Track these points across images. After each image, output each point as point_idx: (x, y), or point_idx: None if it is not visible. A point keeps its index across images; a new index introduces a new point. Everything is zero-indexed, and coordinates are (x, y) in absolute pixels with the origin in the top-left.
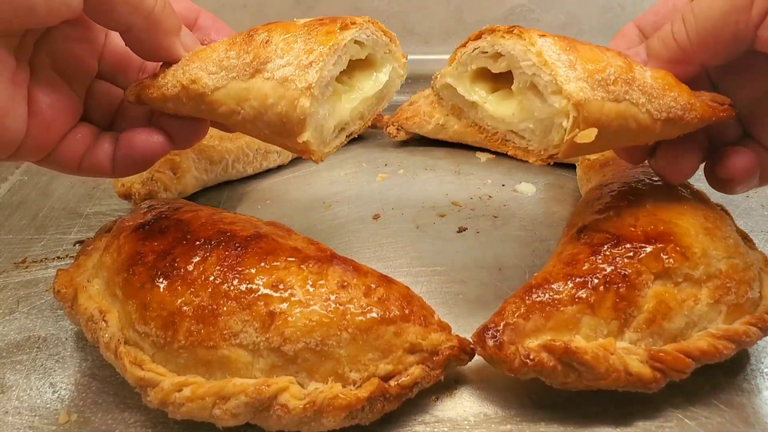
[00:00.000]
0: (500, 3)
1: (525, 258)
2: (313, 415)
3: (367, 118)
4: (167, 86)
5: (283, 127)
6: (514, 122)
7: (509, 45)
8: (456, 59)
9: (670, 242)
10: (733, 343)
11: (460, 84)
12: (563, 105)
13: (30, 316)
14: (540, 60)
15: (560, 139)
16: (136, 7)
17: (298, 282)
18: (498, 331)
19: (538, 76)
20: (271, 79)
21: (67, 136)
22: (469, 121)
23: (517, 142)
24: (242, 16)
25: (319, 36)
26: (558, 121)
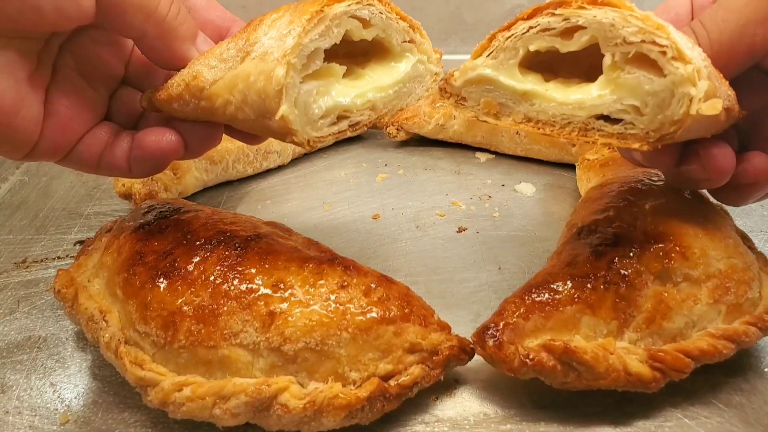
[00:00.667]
0: (500, 3)
1: (525, 258)
2: (313, 414)
3: (381, 110)
4: (173, 86)
5: (263, 105)
6: (605, 103)
7: (599, 14)
8: (494, 46)
9: (670, 242)
10: (732, 342)
11: (506, 73)
12: (689, 71)
13: (30, 316)
14: (650, 24)
15: (685, 111)
16: (148, 15)
17: (298, 282)
18: (498, 331)
19: (651, 43)
20: (255, 58)
21: (86, 136)
22: (519, 117)
23: (608, 129)
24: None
25: (306, 6)
26: (683, 91)
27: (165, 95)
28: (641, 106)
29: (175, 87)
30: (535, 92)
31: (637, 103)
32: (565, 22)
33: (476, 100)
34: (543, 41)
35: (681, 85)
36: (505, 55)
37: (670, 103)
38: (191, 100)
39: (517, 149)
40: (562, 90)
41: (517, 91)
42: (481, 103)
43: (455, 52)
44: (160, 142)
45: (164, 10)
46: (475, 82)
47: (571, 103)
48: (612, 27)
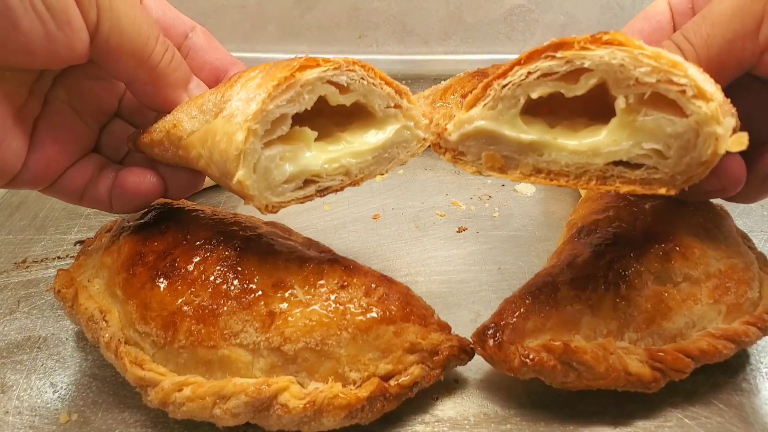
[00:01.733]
0: (500, 3)
1: (525, 258)
2: (313, 414)
3: (356, 176)
4: (155, 131)
5: (225, 166)
6: (623, 149)
7: (607, 55)
8: (490, 95)
9: (670, 242)
10: (732, 342)
11: (507, 124)
12: (713, 108)
13: (30, 316)
14: (665, 62)
15: (713, 152)
16: (141, 61)
17: (298, 282)
18: (498, 330)
19: (668, 83)
20: (224, 117)
21: (71, 168)
22: (528, 169)
23: (629, 175)
24: (242, 17)
25: (278, 71)
26: (708, 130)
27: (147, 139)
28: (664, 149)
29: (157, 133)
30: (543, 141)
31: (659, 147)
32: (569, 65)
33: (476, 155)
34: (545, 87)
35: (706, 124)
36: (504, 105)
37: (696, 144)
38: (170, 147)
39: None
40: (571, 136)
41: (522, 142)
42: (483, 158)
43: (455, 52)
44: (141, 184)
45: (158, 58)
46: (472, 135)
47: (584, 150)
48: (622, 68)
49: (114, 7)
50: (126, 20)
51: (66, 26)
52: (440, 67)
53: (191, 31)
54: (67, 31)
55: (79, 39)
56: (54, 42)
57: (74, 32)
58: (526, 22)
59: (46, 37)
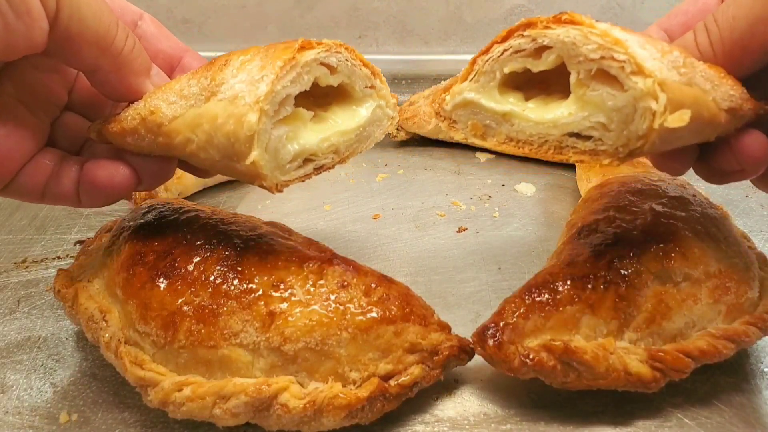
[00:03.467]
0: (500, 3)
1: (525, 258)
2: (313, 414)
3: (344, 154)
4: (127, 119)
5: (232, 148)
6: (575, 121)
7: (562, 33)
8: (476, 70)
9: (670, 242)
10: (732, 342)
11: (487, 96)
12: (649, 85)
13: (30, 316)
14: (609, 39)
15: (649, 126)
16: (104, 49)
17: (298, 282)
18: (498, 330)
19: (610, 59)
20: (223, 100)
21: (27, 165)
22: (501, 137)
23: (580, 146)
24: (242, 17)
25: (277, 52)
26: (644, 105)
27: (118, 128)
28: (607, 122)
29: (130, 120)
30: (515, 113)
31: (603, 120)
32: (534, 42)
33: (465, 123)
34: (516, 63)
35: (642, 99)
36: (485, 79)
37: (634, 118)
38: (147, 135)
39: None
40: (540, 109)
41: (497, 112)
42: (469, 126)
43: (455, 52)
44: (113, 177)
45: (120, 44)
46: (462, 105)
47: (545, 122)
48: (573, 45)
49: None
50: (86, 7)
51: (25, 16)
52: (440, 67)
53: (140, 20)
54: (26, 21)
55: (38, 28)
56: (12, 33)
57: (34, 21)
58: None
59: (5, 28)
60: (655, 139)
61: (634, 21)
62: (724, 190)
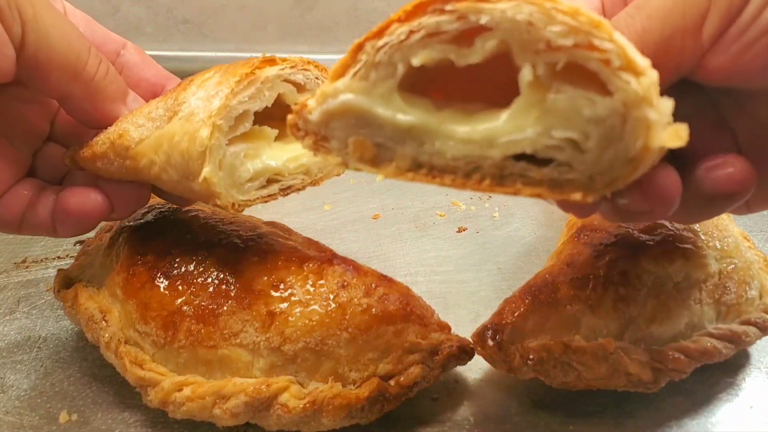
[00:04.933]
0: None
1: (525, 258)
2: (313, 414)
3: (316, 175)
4: (98, 144)
5: (187, 166)
6: (526, 138)
7: (510, 8)
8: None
9: (670, 242)
10: (732, 342)
11: (381, 100)
12: (645, 86)
13: (30, 316)
14: (584, 20)
15: (643, 144)
16: (75, 75)
17: (298, 282)
18: (498, 330)
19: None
20: (181, 118)
21: (5, 195)
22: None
23: (533, 174)
24: (242, 17)
25: (237, 68)
26: (637, 115)
27: (88, 153)
28: (580, 139)
29: (100, 145)
30: (426, 126)
31: (574, 136)
32: (461, 21)
33: (342, 141)
34: (432, 51)
35: (635, 106)
36: (378, 74)
37: (622, 133)
38: (116, 159)
39: None
40: (463, 121)
41: (399, 125)
42: (349, 145)
43: None
44: (84, 204)
45: (92, 70)
46: (338, 114)
47: (478, 140)
48: (530, 27)
49: (39, 19)
50: (54, 33)
51: None
52: None
53: (123, 49)
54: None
55: (3, 56)
56: None
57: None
58: None
59: None
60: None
61: None
62: None
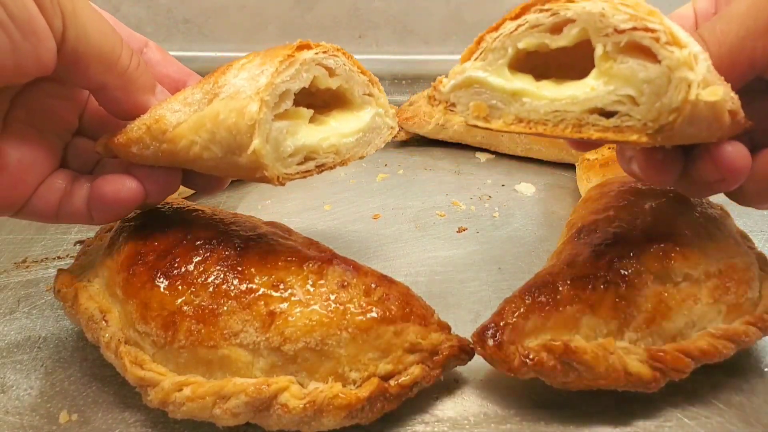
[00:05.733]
0: (500, 3)
1: (525, 258)
2: (313, 414)
3: (344, 155)
4: (133, 130)
5: (234, 140)
6: (598, 96)
7: (588, 5)
8: (482, 47)
9: (670, 242)
10: (732, 342)
11: (495, 73)
12: (685, 55)
13: (30, 316)
14: (642, 9)
15: (684, 98)
16: (110, 66)
17: (298, 282)
18: (498, 330)
19: (644, 30)
20: (225, 98)
21: (40, 187)
22: (510, 118)
23: (603, 122)
24: (242, 17)
25: (277, 51)
26: (679, 76)
27: (123, 139)
28: (637, 95)
29: (135, 130)
30: (526, 91)
31: (632, 93)
32: (554, 16)
33: (466, 105)
34: (532, 38)
35: (677, 69)
36: (494, 56)
37: (667, 90)
38: (152, 143)
39: (517, 149)
40: (554, 88)
41: (506, 90)
42: (470, 107)
43: (455, 52)
44: (120, 191)
45: (125, 62)
46: (463, 85)
47: (563, 98)
48: (602, 16)
49: (78, 14)
50: (91, 26)
51: (32, 36)
52: (440, 67)
53: (145, 47)
54: (33, 41)
55: (45, 49)
56: (20, 53)
57: (41, 42)
58: None
59: (13, 50)
60: (688, 113)
61: None
62: None
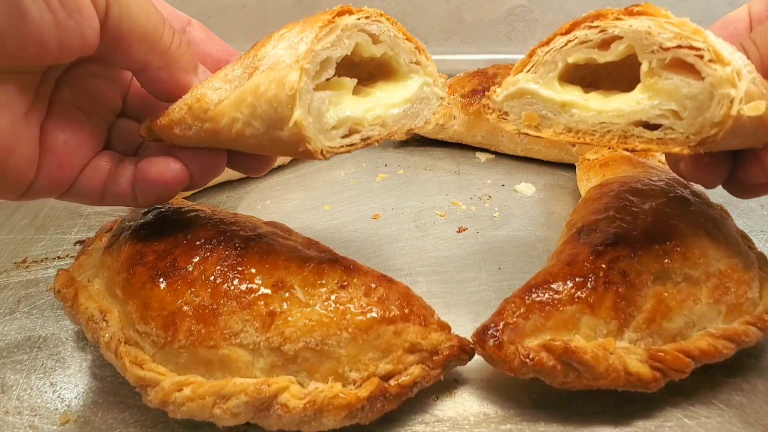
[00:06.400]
0: (500, 3)
1: (525, 258)
2: (313, 414)
3: (391, 127)
4: (175, 111)
5: (275, 113)
6: (643, 109)
7: (635, 23)
8: (534, 61)
9: (670, 242)
10: (732, 342)
11: (545, 85)
12: (728, 72)
13: (30, 316)
14: (688, 29)
15: (726, 113)
16: (152, 45)
17: (298, 282)
18: (498, 330)
19: (688, 47)
20: (264, 70)
21: (86, 168)
22: (560, 128)
23: (647, 135)
24: (242, 17)
25: (316, 20)
26: (723, 92)
27: (166, 120)
28: (680, 109)
29: (177, 111)
30: (575, 102)
31: (675, 107)
32: (602, 33)
33: (518, 114)
34: (581, 53)
35: (720, 86)
36: (545, 69)
37: (710, 105)
38: (194, 123)
39: (517, 149)
40: (601, 100)
41: (556, 102)
42: (522, 117)
43: (455, 52)
44: (165, 173)
45: (168, 41)
46: (516, 96)
47: (610, 111)
48: (648, 34)
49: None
50: (134, 5)
51: (76, 13)
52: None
53: (188, 26)
54: (77, 19)
55: (89, 27)
56: (65, 31)
57: (85, 20)
58: (526, 22)
59: (57, 27)
60: (730, 127)
61: None
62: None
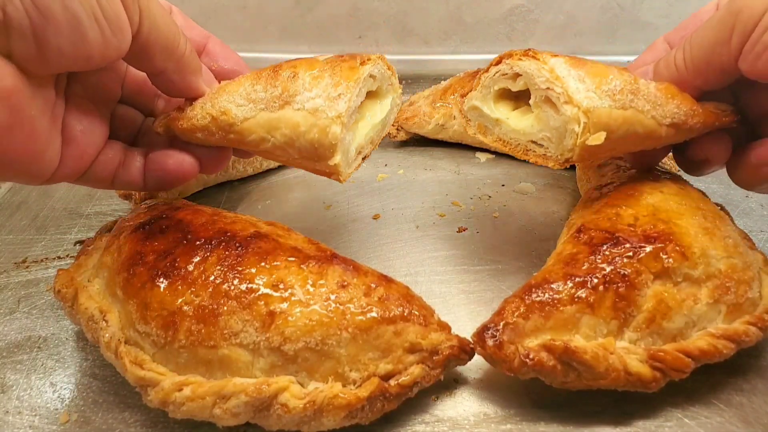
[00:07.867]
0: (500, 3)
1: (525, 258)
2: (313, 414)
3: (376, 142)
4: (197, 118)
5: (315, 152)
6: (533, 132)
7: (525, 65)
8: (480, 83)
9: (670, 242)
10: (732, 342)
11: (485, 104)
12: (574, 113)
13: (30, 316)
14: (552, 75)
15: (573, 143)
16: (171, 53)
17: (298, 282)
18: (498, 330)
19: (552, 90)
20: (301, 110)
21: (99, 155)
22: (494, 137)
23: (537, 150)
24: (242, 17)
25: (343, 71)
26: (571, 127)
27: (188, 125)
28: (551, 136)
29: (200, 119)
30: (501, 120)
31: (548, 134)
32: (511, 69)
33: (474, 122)
34: (502, 82)
35: (569, 122)
36: (485, 91)
37: (565, 135)
38: (218, 132)
39: None
40: (518, 119)
41: (491, 118)
42: (476, 125)
43: (455, 52)
44: (182, 165)
45: (183, 48)
46: (472, 108)
47: (518, 130)
48: (532, 75)
49: (152, 8)
50: (160, 19)
51: (119, 32)
52: (440, 67)
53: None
54: (119, 36)
55: (125, 40)
56: (108, 47)
57: (124, 35)
58: (526, 22)
59: (103, 44)
60: (581, 152)
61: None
62: (725, 191)
